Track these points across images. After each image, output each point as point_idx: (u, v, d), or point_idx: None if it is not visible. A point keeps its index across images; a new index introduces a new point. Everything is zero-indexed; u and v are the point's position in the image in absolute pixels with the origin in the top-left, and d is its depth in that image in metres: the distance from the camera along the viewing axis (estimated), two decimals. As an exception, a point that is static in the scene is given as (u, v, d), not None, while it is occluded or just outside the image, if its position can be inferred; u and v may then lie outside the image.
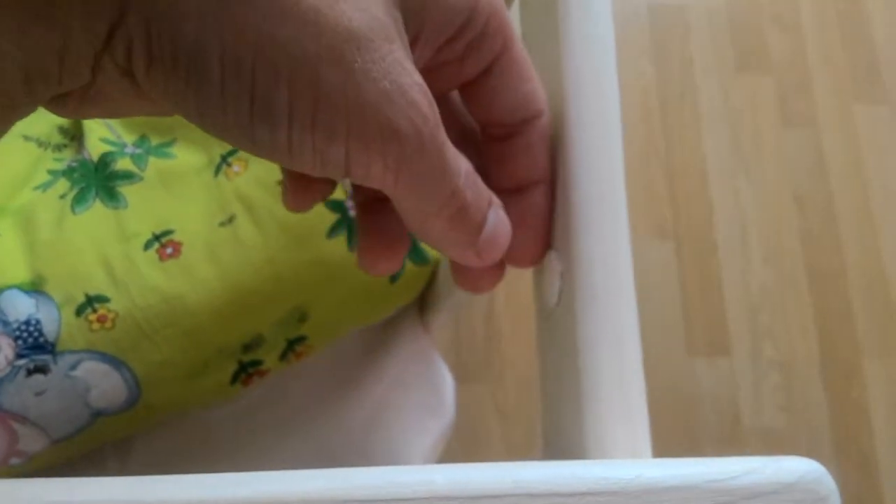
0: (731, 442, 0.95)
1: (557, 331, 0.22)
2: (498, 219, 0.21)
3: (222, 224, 0.36)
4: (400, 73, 0.17)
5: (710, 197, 1.07)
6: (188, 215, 0.36)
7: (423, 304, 0.45)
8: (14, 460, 0.35)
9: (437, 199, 0.19)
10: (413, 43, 0.19)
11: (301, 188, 0.24)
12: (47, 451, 0.35)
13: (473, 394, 0.93)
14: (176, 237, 0.35)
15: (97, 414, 0.35)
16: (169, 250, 0.35)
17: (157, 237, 0.35)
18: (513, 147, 0.23)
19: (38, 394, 0.33)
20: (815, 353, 1.02)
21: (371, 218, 0.25)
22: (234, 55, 0.15)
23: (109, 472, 0.39)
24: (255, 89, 0.16)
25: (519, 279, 1.03)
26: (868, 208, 1.09)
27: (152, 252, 0.35)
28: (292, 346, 0.38)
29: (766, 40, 1.16)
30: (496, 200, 0.22)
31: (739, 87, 1.13)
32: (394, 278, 0.39)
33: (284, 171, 0.24)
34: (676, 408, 0.95)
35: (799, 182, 1.10)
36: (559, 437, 0.20)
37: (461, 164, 0.20)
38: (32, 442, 0.34)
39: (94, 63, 0.16)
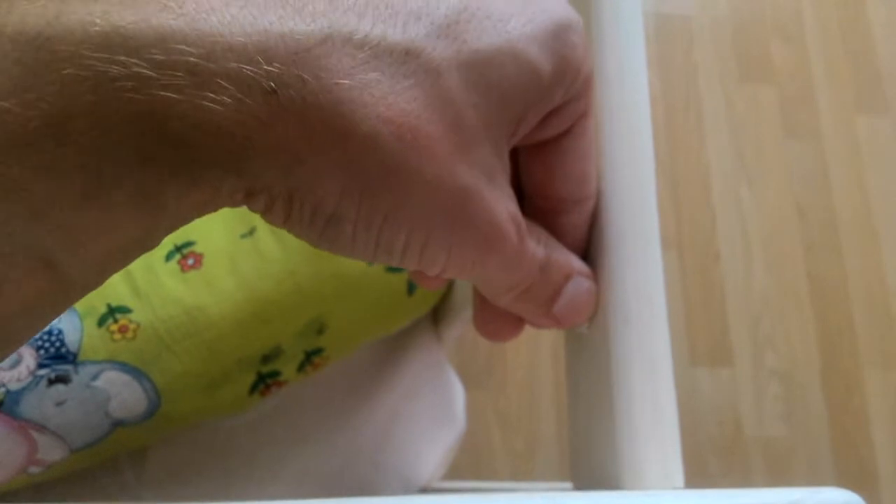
0: (732, 451, 0.95)
1: (588, 354, 0.22)
2: (578, 289, 0.22)
3: (243, 236, 0.36)
4: (499, 212, 0.19)
5: (713, 206, 1.08)
6: (209, 227, 0.36)
7: (437, 316, 0.45)
8: (33, 469, 0.35)
9: (505, 286, 0.21)
10: (517, 125, 0.20)
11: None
12: (66, 460, 0.35)
13: (475, 401, 0.94)
14: (197, 249, 0.35)
15: (117, 424, 0.35)
16: (190, 261, 0.35)
17: (178, 248, 0.35)
18: (557, 226, 0.23)
19: (58, 403, 0.33)
20: (816, 362, 1.02)
21: None
22: (367, 220, 0.17)
23: (125, 480, 0.39)
24: (379, 240, 0.18)
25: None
26: (869, 219, 1.10)
27: (174, 263, 0.35)
28: (310, 358, 0.38)
29: (769, 51, 1.17)
30: (581, 269, 0.22)
31: (743, 97, 1.14)
32: (410, 291, 0.39)
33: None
34: (679, 417, 0.95)
35: (801, 192, 1.10)
36: (591, 462, 0.20)
37: (537, 257, 0.21)
38: (52, 451, 0.34)
39: (226, 205, 0.17)
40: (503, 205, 0.19)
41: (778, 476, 0.94)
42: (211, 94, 0.15)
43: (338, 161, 0.16)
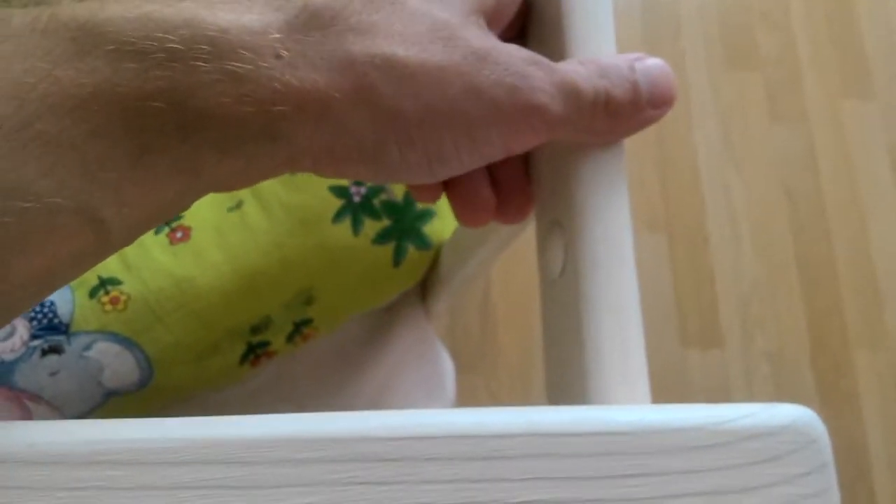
0: (723, 431, 0.96)
1: (561, 299, 0.23)
2: (646, 68, 0.22)
3: (230, 209, 0.37)
4: (512, 62, 0.20)
5: (702, 190, 1.08)
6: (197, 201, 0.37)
7: (424, 288, 0.46)
8: (28, 440, 0.36)
9: (585, 118, 0.22)
10: (485, 17, 0.22)
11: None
12: (61, 430, 0.36)
13: (468, 384, 0.94)
14: (185, 222, 0.36)
15: (110, 394, 0.36)
16: (179, 234, 0.36)
17: (167, 222, 0.36)
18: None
19: (52, 374, 0.34)
20: (806, 344, 1.03)
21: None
22: (405, 135, 0.19)
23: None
24: (428, 151, 0.20)
25: (514, 271, 1.03)
26: (857, 201, 1.11)
27: (163, 236, 0.36)
28: (299, 329, 0.39)
29: (755, 37, 1.17)
30: (632, 56, 0.23)
31: (729, 82, 1.15)
32: (397, 262, 0.40)
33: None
34: (669, 398, 0.96)
35: (789, 176, 1.11)
36: (564, 394, 0.21)
37: (581, 72, 0.21)
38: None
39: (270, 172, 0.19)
40: (513, 55, 0.20)
41: (769, 455, 0.95)
42: (233, 63, 0.17)
43: (355, 96, 0.18)
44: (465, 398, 0.91)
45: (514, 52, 0.21)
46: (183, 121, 0.17)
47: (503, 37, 0.24)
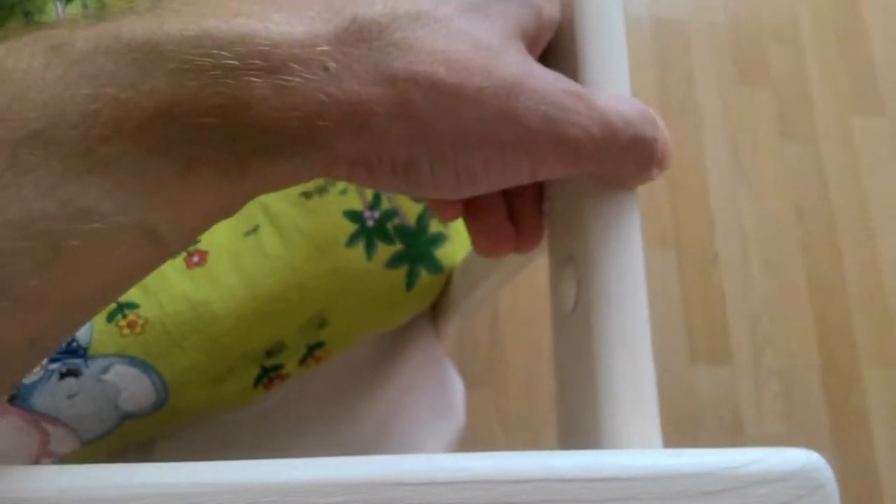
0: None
1: (573, 334, 0.23)
2: (662, 128, 0.23)
3: (247, 234, 0.37)
4: (550, 92, 0.21)
5: (711, 207, 1.09)
6: (214, 226, 0.37)
7: (435, 311, 0.46)
8: (45, 461, 0.36)
9: (615, 159, 0.22)
10: (528, 45, 0.22)
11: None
12: (77, 452, 0.36)
13: (476, 401, 0.95)
14: (202, 246, 0.37)
15: (126, 416, 0.36)
16: (196, 259, 0.37)
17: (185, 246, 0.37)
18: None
19: (70, 396, 0.35)
20: (816, 361, 1.03)
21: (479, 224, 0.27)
22: (438, 153, 0.20)
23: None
24: (458, 169, 0.20)
25: (522, 288, 1.03)
26: (867, 218, 1.11)
27: (179, 261, 0.36)
28: (312, 352, 0.39)
29: (766, 54, 1.18)
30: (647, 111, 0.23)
31: (740, 100, 1.15)
32: (409, 286, 0.40)
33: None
34: (679, 415, 0.96)
35: (798, 193, 1.11)
36: (575, 432, 0.22)
37: (622, 111, 0.22)
38: (64, 443, 0.36)
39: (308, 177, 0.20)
40: (552, 84, 0.21)
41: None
42: (283, 77, 0.18)
43: (395, 111, 0.19)
44: (474, 414, 0.91)
45: (554, 80, 0.21)
46: (233, 133, 0.18)
47: None
